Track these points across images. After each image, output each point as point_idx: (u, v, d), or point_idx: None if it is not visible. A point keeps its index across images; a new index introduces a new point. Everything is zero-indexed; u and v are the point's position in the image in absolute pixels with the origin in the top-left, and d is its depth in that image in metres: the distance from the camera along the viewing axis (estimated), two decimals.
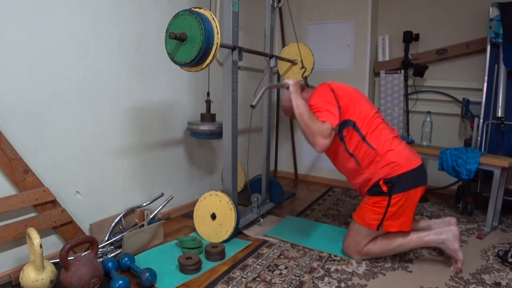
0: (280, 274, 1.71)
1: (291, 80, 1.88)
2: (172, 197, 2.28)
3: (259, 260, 1.85)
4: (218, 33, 1.66)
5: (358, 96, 1.86)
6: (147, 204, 2.20)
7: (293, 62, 2.68)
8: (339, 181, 3.41)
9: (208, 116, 2.36)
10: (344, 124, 1.78)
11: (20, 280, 1.45)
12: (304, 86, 2.00)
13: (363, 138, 1.77)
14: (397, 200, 1.72)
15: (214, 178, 2.89)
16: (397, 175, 1.72)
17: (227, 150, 2.06)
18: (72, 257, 1.55)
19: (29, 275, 1.43)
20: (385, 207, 1.73)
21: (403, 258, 1.90)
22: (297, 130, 3.62)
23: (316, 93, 1.84)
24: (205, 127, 2.30)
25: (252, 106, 1.74)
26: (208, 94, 2.42)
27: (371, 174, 1.77)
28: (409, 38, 3.04)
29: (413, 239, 1.79)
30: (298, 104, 1.76)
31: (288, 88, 1.86)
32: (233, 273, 1.71)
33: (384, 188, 1.73)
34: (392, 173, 1.73)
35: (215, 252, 1.82)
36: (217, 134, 2.31)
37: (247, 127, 3.17)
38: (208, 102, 2.39)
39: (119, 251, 1.81)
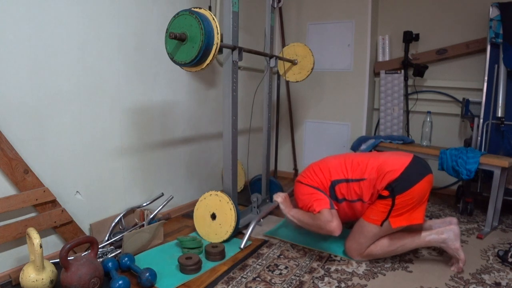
0: (280, 274, 1.71)
1: (280, 197, 2.05)
2: (172, 197, 2.28)
3: (259, 260, 1.85)
4: (218, 33, 1.66)
5: (324, 162, 1.97)
6: (147, 204, 2.20)
7: (293, 62, 2.68)
8: None
9: None
10: (333, 192, 1.87)
11: (20, 280, 1.45)
12: (292, 195, 2.13)
13: (347, 181, 1.85)
14: (402, 200, 1.72)
15: (214, 178, 2.89)
16: (394, 179, 1.73)
17: (227, 150, 2.06)
18: (72, 257, 1.55)
19: (29, 275, 1.43)
20: (390, 206, 1.74)
21: (403, 258, 1.90)
22: (297, 130, 3.62)
23: (296, 196, 1.97)
24: None
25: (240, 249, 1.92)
26: None
27: (373, 194, 1.80)
28: (409, 38, 3.04)
29: (415, 239, 1.79)
30: (293, 215, 1.94)
31: (278, 206, 2.04)
32: (233, 273, 1.71)
33: (386, 193, 1.74)
34: (389, 180, 1.74)
35: (215, 252, 1.82)
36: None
37: (247, 127, 3.17)
38: None
39: (119, 251, 1.81)
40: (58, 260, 1.46)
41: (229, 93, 2.00)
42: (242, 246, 1.92)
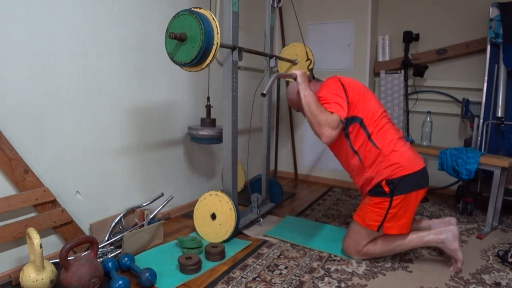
0: (280, 274, 1.71)
1: (299, 70, 1.86)
2: (172, 197, 2.28)
3: (259, 260, 1.85)
4: (218, 33, 1.66)
5: (368, 93, 1.85)
6: (147, 204, 2.20)
7: (293, 62, 2.68)
8: (339, 181, 3.41)
9: (208, 121, 2.36)
10: (351, 120, 1.76)
11: (20, 280, 1.45)
12: (311, 78, 1.99)
13: (369, 137, 1.76)
14: (399, 201, 1.72)
15: (214, 178, 2.89)
16: (400, 176, 1.72)
17: (227, 150, 2.06)
18: (72, 257, 1.55)
19: (29, 275, 1.43)
20: (386, 209, 1.73)
21: (403, 258, 1.90)
22: (297, 130, 3.62)
23: (325, 85, 1.82)
24: (204, 132, 2.30)
25: (263, 95, 1.72)
26: (208, 99, 2.41)
27: (373, 173, 1.77)
28: (409, 38, 3.04)
29: (413, 239, 1.79)
30: (306, 94, 1.75)
31: (295, 78, 1.85)
32: (233, 273, 1.71)
33: (386, 189, 1.73)
34: (395, 175, 1.72)
35: (215, 252, 1.82)
36: (217, 139, 2.31)
37: (247, 127, 3.17)
38: (208, 107, 2.38)
39: (119, 251, 1.81)
40: (58, 260, 1.46)
41: (229, 93, 2.00)
42: (265, 91, 1.73)
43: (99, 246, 1.80)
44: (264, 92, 1.72)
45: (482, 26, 2.80)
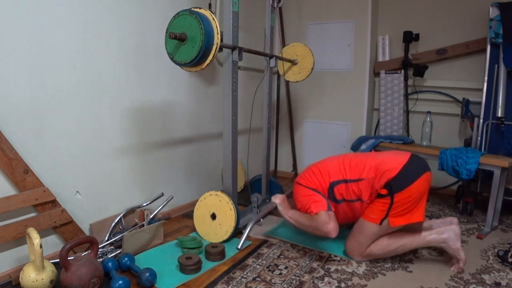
0: (280, 274, 1.71)
1: (278, 198, 2.06)
2: (172, 197, 2.28)
3: (259, 260, 1.85)
4: (218, 33, 1.66)
5: (323, 164, 1.98)
6: (147, 204, 2.20)
7: (293, 62, 2.68)
8: None
9: None
10: (332, 193, 1.88)
11: (20, 280, 1.45)
12: (290, 196, 2.13)
13: (346, 182, 1.85)
14: (400, 198, 1.72)
15: (214, 178, 2.89)
16: (392, 178, 1.73)
17: (227, 150, 2.06)
18: (72, 257, 1.55)
19: (29, 275, 1.43)
20: (388, 204, 1.74)
21: (403, 258, 1.90)
22: (297, 130, 3.62)
23: (295, 198, 1.97)
24: None
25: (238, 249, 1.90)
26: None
27: (372, 195, 1.81)
28: (409, 38, 3.03)
29: (415, 239, 1.79)
30: (290, 216, 1.95)
31: (276, 207, 2.04)
32: (233, 273, 1.71)
33: (384, 192, 1.74)
34: (387, 179, 1.74)
35: (215, 252, 1.82)
36: None
37: (247, 127, 3.17)
38: None
39: (119, 251, 1.81)
40: (58, 260, 1.46)
41: (229, 93, 2.00)
42: (239, 247, 1.92)
43: (99, 246, 1.80)
44: (238, 248, 1.91)
45: (482, 26, 2.80)
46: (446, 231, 1.76)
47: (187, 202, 2.61)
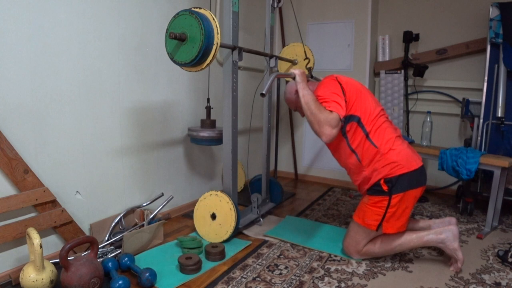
0: (280, 274, 1.71)
1: (298, 70, 1.86)
2: (172, 197, 2.28)
3: (259, 260, 1.85)
4: (218, 33, 1.66)
5: (365, 92, 1.85)
6: (147, 204, 2.20)
7: (293, 62, 2.68)
8: (339, 181, 3.41)
9: (208, 122, 2.35)
10: (348, 119, 1.76)
11: (20, 280, 1.45)
12: (309, 77, 1.98)
13: (367, 135, 1.76)
14: (397, 200, 1.72)
15: (214, 178, 2.89)
16: (398, 175, 1.72)
17: (227, 150, 2.06)
18: (72, 257, 1.55)
19: (29, 275, 1.43)
20: (385, 207, 1.73)
21: (403, 258, 1.90)
22: (297, 130, 3.62)
23: (323, 84, 1.82)
24: (204, 133, 2.29)
25: (263, 95, 1.71)
26: (208, 100, 2.41)
27: (371, 172, 1.77)
28: (409, 38, 3.04)
29: (413, 238, 1.79)
30: (305, 93, 1.74)
31: (294, 78, 1.85)
32: (233, 273, 1.71)
33: (385, 188, 1.73)
34: (393, 173, 1.72)
35: (215, 252, 1.82)
36: (217, 140, 2.30)
37: (247, 127, 3.17)
38: (208, 109, 2.38)
39: (119, 251, 1.81)
40: (58, 260, 1.46)
41: (229, 93, 2.00)
42: (264, 91, 1.72)
43: (99, 246, 1.80)
44: (264, 92, 1.72)
45: (482, 26, 2.80)
46: (444, 231, 1.76)
47: (187, 202, 2.61)
